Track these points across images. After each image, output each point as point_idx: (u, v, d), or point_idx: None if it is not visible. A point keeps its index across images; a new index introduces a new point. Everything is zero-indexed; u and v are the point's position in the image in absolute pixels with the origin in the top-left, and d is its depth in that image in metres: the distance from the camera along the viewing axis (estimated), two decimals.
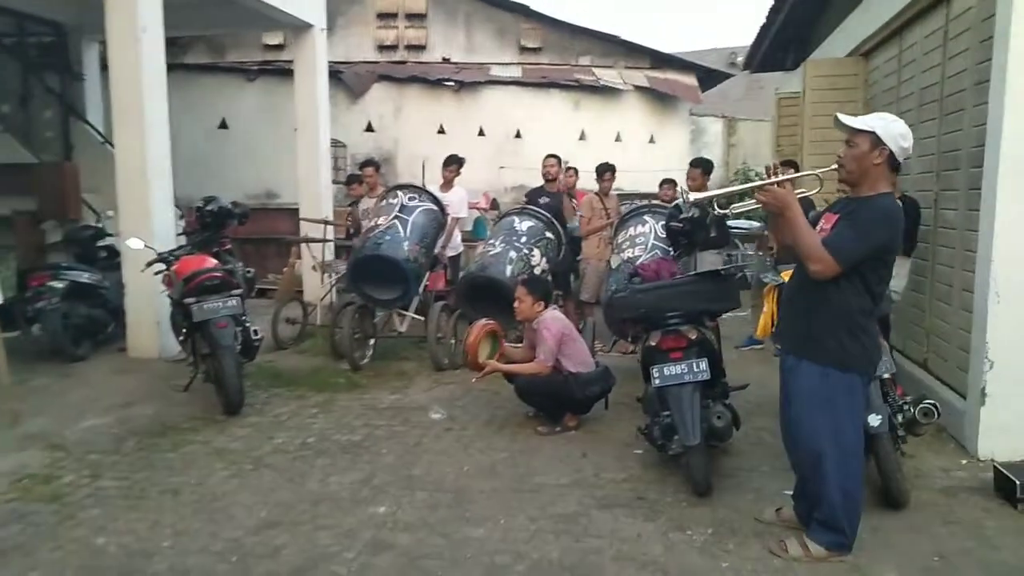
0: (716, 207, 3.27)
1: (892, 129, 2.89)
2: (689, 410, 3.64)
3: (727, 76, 18.08)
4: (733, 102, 21.48)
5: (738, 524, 3.48)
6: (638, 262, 5.09)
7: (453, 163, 7.65)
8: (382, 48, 16.44)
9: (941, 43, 5.30)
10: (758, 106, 19.32)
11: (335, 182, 10.86)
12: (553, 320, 4.82)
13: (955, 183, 5.03)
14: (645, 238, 5.75)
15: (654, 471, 4.12)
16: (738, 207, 3.21)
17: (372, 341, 6.74)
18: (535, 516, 3.62)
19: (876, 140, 2.89)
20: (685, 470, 3.93)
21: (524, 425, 4.96)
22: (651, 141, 16.21)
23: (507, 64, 16.19)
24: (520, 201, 8.47)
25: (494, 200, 11.35)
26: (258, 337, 5.28)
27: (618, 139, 15.61)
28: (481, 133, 14.96)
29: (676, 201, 5.53)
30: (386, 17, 16.53)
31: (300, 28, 9.23)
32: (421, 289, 6.59)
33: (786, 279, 4.28)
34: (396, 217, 6.41)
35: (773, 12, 10.58)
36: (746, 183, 16.39)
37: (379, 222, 6.42)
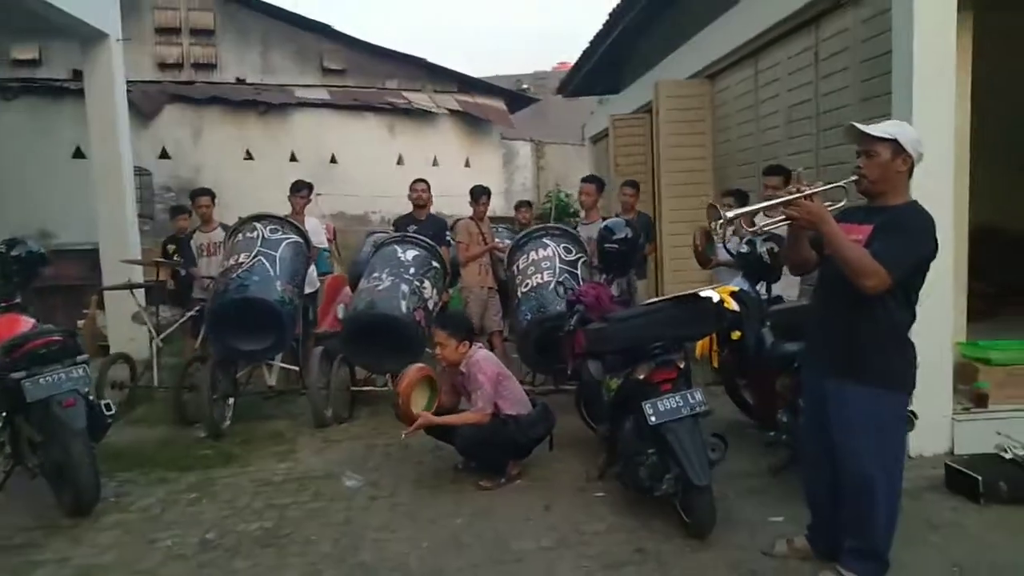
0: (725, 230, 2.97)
1: (910, 135, 2.81)
2: (693, 447, 3.33)
3: (533, 100, 18.60)
4: (520, 127, 22.06)
5: (757, 565, 3.22)
6: (573, 288, 4.74)
7: (303, 188, 6.81)
8: (164, 66, 14.73)
9: (812, 63, 5.62)
10: (543, 131, 20.01)
11: (141, 216, 9.31)
12: (486, 361, 4.30)
13: (837, 195, 5.30)
14: (551, 262, 5.43)
15: (632, 517, 3.75)
16: (768, 224, 2.96)
17: (231, 400, 5.71)
18: None
19: (898, 147, 2.79)
20: (669, 511, 3.62)
21: (460, 481, 4.37)
22: (467, 164, 16.14)
23: (312, 86, 15.24)
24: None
25: (334, 230, 10.45)
26: (111, 412, 4.14)
27: (435, 163, 15.31)
28: (293, 158, 13.86)
29: (607, 222, 5.27)
30: (167, 32, 14.85)
31: (93, 38, 7.78)
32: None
33: (725, 296, 4.21)
34: (260, 253, 5.48)
35: (595, 43, 10.94)
36: (557, 205, 16.80)
37: (239, 260, 5.45)
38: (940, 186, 4.08)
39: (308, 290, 6.51)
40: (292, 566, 3.39)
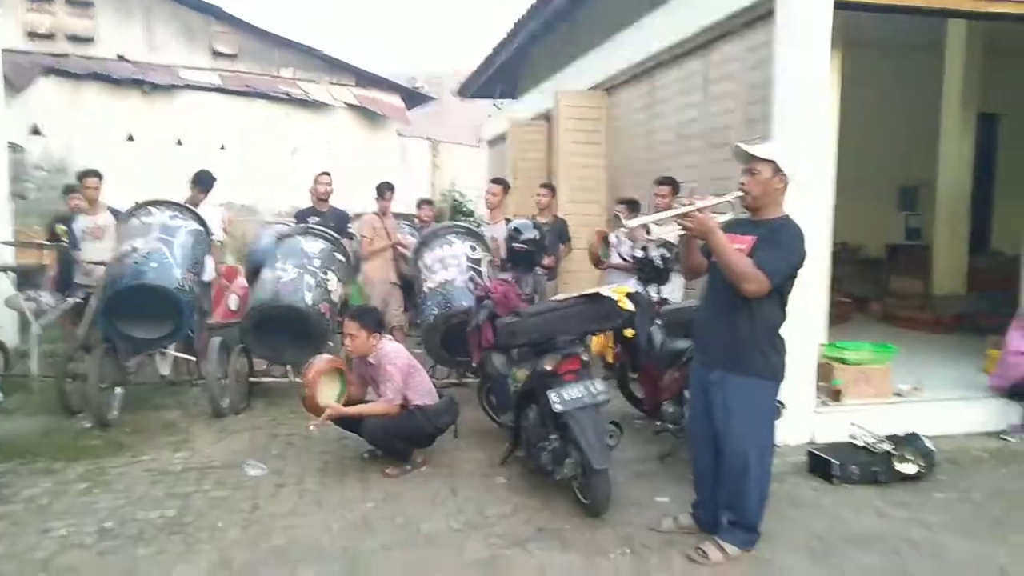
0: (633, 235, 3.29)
1: (787, 157, 3.21)
2: (594, 433, 3.61)
3: (429, 99, 18.66)
4: (414, 125, 22.08)
5: (646, 539, 3.53)
6: (480, 284, 4.93)
7: (206, 180, 6.65)
8: (34, 36, 13.68)
9: (701, 85, 6.10)
10: (437, 130, 20.14)
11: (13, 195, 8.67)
12: (396, 353, 4.42)
13: (721, 207, 5.80)
14: (457, 259, 5.61)
15: (534, 499, 4.00)
16: (660, 232, 3.28)
17: (119, 390, 5.51)
18: (453, 569, 3.27)
19: (776, 168, 3.18)
20: (568, 493, 3.90)
21: (367, 469, 4.47)
22: (362, 159, 15.98)
23: (201, 69, 14.62)
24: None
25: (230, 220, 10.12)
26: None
27: (330, 156, 15.07)
28: (179, 143, 13.27)
29: (515, 223, 5.49)
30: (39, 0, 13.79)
31: None
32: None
33: (621, 296, 4.54)
34: (160, 239, 5.33)
35: (498, 49, 11.22)
36: (453, 205, 17.02)
37: (135, 245, 5.28)
38: (810, 205, 4.58)
39: (205, 279, 6.36)
40: (201, 552, 3.40)
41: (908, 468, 4.22)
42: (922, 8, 5.03)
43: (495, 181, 6.46)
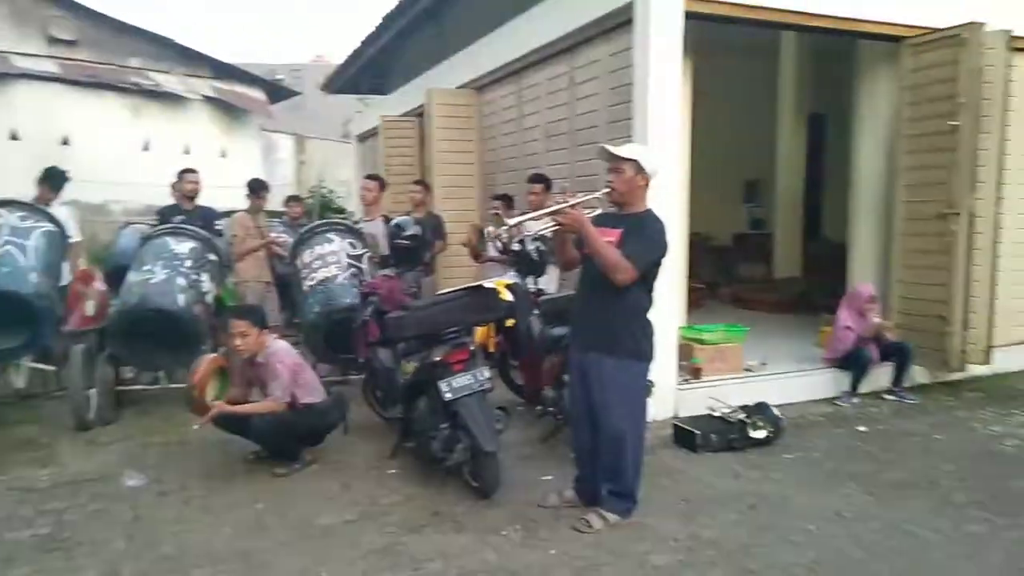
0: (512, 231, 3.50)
1: (648, 156, 3.53)
2: (483, 418, 3.80)
3: (294, 93, 18.15)
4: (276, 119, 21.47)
5: (535, 515, 3.77)
6: (366, 281, 4.97)
7: (57, 177, 6.23)
8: None
9: (568, 86, 6.43)
10: (301, 124, 19.68)
11: None
12: (285, 352, 4.40)
13: (591, 204, 6.17)
14: (337, 256, 5.62)
15: (426, 487, 4.14)
16: (536, 227, 3.50)
17: None
18: (352, 558, 3.35)
19: (639, 166, 3.49)
20: (458, 479, 4.07)
21: (254, 471, 4.43)
22: (223, 155, 15.37)
23: (36, 56, 13.47)
24: None
25: None
26: None
27: (187, 151, 14.40)
28: (15, 137, 12.17)
29: (397, 220, 5.53)
30: None
31: None
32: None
33: (501, 288, 4.77)
34: (8, 242, 4.98)
35: (366, 44, 11.15)
36: (323, 202, 16.71)
37: None
38: (668, 200, 5.00)
39: (63, 284, 5.97)
40: (85, 567, 3.28)
41: (759, 434, 4.73)
42: (758, 20, 5.59)
43: (370, 177, 6.49)
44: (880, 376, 5.92)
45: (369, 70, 12.33)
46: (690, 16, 5.25)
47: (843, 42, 6.62)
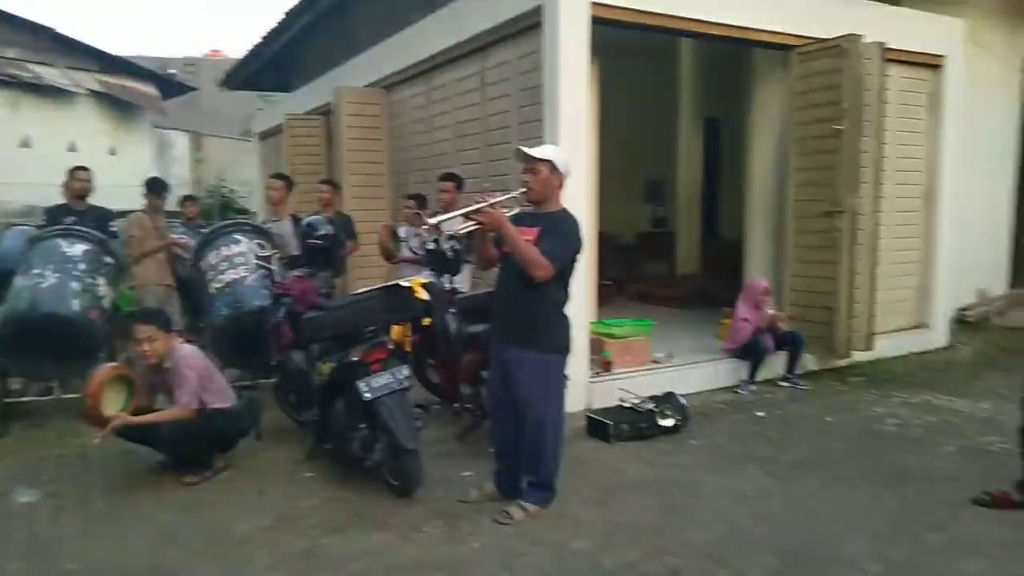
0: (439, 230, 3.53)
1: (562, 157, 3.64)
2: (402, 416, 3.80)
3: (189, 89, 17.39)
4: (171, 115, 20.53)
5: (456, 511, 3.81)
6: (280, 281, 4.85)
7: None
8: None
9: (479, 87, 6.50)
10: (196, 121, 18.91)
11: None
12: (193, 356, 4.26)
13: (509, 203, 6.26)
14: (245, 257, 5.46)
15: (345, 488, 4.10)
16: (451, 226, 3.55)
17: None
18: (271, 563, 3.30)
19: (553, 167, 3.60)
20: (379, 478, 4.06)
21: (162, 480, 4.27)
22: (112, 153, 14.59)
23: None
24: None
25: None
26: None
27: (72, 149, 13.58)
28: None
29: (308, 219, 5.41)
30: None
31: None
32: None
33: (417, 286, 4.79)
34: None
35: (268, 39, 10.86)
36: (223, 201, 16.13)
37: None
38: (578, 200, 5.14)
39: None
40: None
41: (668, 422, 4.95)
42: (658, 26, 5.84)
43: (277, 176, 6.34)
44: (775, 364, 6.30)
45: (271, 66, 12.00)
46: (595, 21, 5.43)
47: (737, 49, 7.00)
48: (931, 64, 7.17)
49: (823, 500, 3.90)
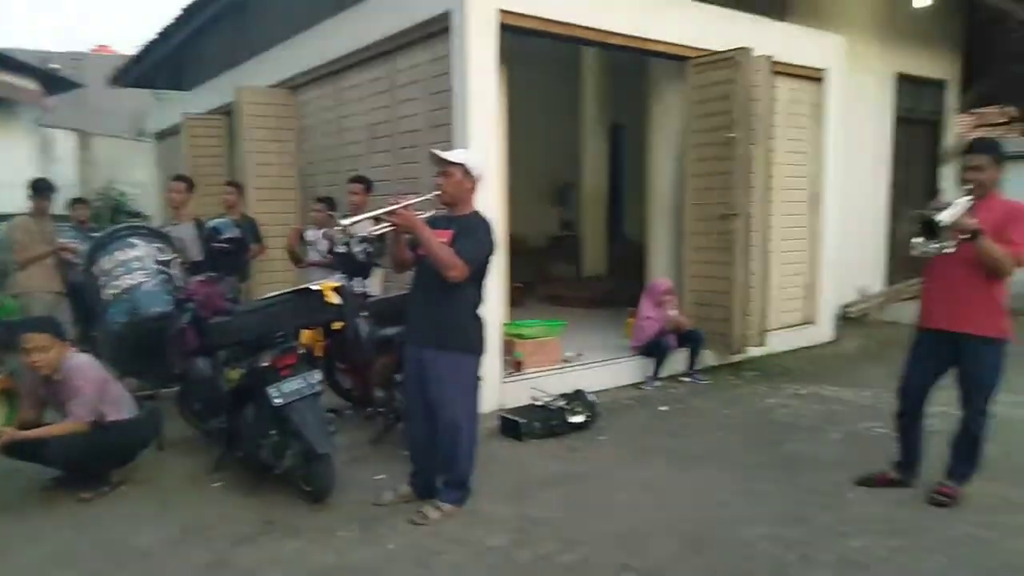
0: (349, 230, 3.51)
1: (475, 161, 3.71)
2: (316, 421, 3.75)
3: (75, 85, 16.36)
4: (55, 113, 19.27)
5: (372, 514, 3.80)
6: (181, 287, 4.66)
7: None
8: None
9: (388, 89, 6.48)
10: (82, 119, 17.86)
11: None
12: (88, 366, 4.05)
13: (423, 205, 6.25)
14: (143, 262, 5.21)
15: (254, 497, 4.00)
16: (364, 228, 3.54)
17: None
18: None
19: (466, 170, 3.65)
20: (291, 485, 3.99)
21: (53, 498, 4.04)
22: None
23: None
24: None
25: None
26: None
27: None
28: None
29: (213, 222, 5.21)
30: None
31: None
32: None
33: (327, 290, 4.74)
34: None
35: (164, 36, 10.43)
36: (115, 203, 15.32)
37: None
38: (489, 203, 5.22)
39: None
40: None
41: (578, 419, 5.09)
42: (562, 35, 5.99)
43: (178, 178, 6.11)
44: (677, 361, 6.58)
45: (167, 64, 11.50)
46: (503, 28, 5.52)
47: (638, 58, 7.27)
48: (814, 77, 7.68)
49: (723, 487, 4.12)
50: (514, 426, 5.00)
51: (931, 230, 3.42)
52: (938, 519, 3.65)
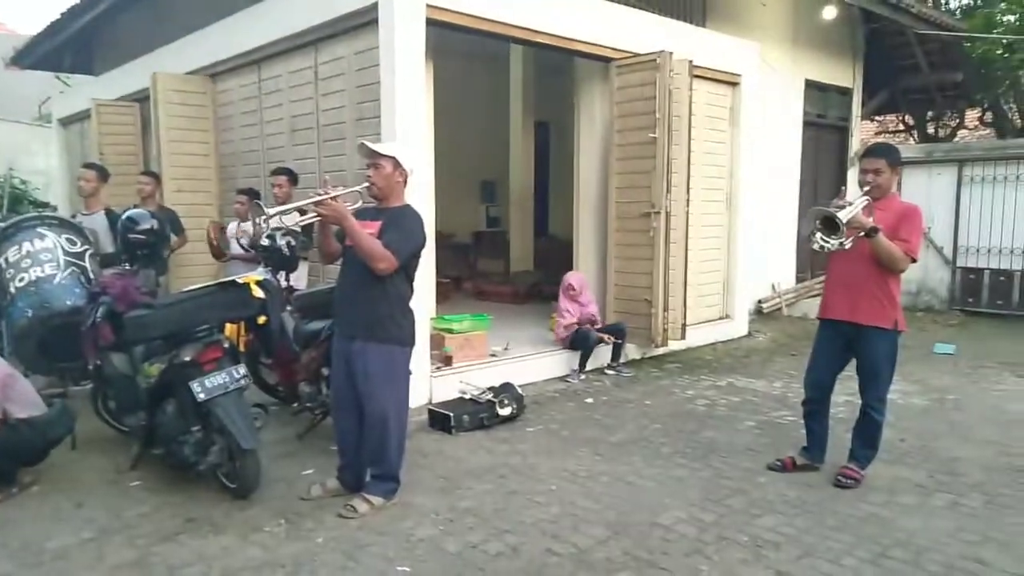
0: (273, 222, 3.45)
1: (406, 154, 3.72)
2: (240, 416, 3.68)
3: None
4: None
5: (299, 508, 3.76)
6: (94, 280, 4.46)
7: None
8: None
9: (312, 80, 6.38)
10: None
11: None
12: None
13: (352, 197, 6.18)
14: (52, 254, 4.99)
15: (176, 494, 3.90)
16: (291, 219, 3.50)
17: None
18: None
19: (397, 163, 3.66)
20: (212, 483, 3.91)
21: None
22: None
23: None
24: None
25: None
26: None
27: None
28: None
29: (129, 213, 4.98)
30: None
31: None
32: None
33: (251, 283, 4.65)
34: None
35: (71, 16, 9.92)
36: (15, 195, 14.53)
37: None
38: (416, 198, 5.23)
39: None
40: None
41: (506, 411, 5.17)
42: (489, 32, 6.04)
43: (89, 167, 5.84)
44: (602, 354, 6.75)
45: (74, 45, 10.93)
46: (430, 23, 5.53)
47: (564, 58, 7.40)
48: (731, 82, 8.00)
49: (644, 475, 4.28)
50: (443, 419, 5.03)
51: (831, 227, 3.65)
52: (843, 500, 3.90)
